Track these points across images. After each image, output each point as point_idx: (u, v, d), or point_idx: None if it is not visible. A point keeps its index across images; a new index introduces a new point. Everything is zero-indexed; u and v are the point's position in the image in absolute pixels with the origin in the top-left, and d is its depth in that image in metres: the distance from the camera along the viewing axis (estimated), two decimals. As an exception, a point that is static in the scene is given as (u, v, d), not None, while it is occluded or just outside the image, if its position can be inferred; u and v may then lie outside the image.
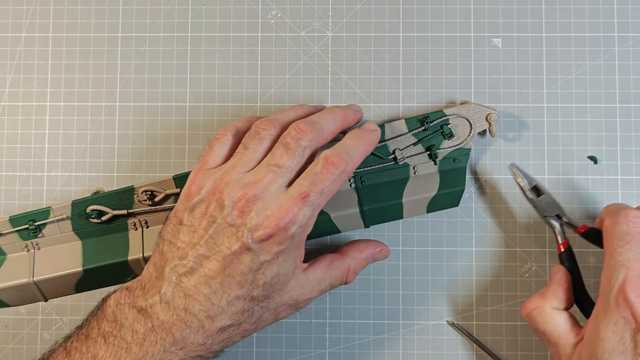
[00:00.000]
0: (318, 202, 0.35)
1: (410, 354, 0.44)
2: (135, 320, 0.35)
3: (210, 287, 0.35)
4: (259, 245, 0.34)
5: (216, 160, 0.38)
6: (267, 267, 0.35)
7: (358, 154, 0.37)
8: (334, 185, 0.36)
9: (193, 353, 0.35)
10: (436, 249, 0.45)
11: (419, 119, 0.43)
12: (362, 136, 0.38)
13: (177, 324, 0.35)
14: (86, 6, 0.46)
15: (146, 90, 0.46)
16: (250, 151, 0.37)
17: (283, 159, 0.36)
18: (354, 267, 0.40)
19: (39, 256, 0.44)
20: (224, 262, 0.35)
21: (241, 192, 0.35)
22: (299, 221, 0.35)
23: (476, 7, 0.45)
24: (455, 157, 0.43)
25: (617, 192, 0.44)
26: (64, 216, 0.43)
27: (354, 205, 0.43)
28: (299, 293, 0.37)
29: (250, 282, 0.35)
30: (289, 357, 0.45)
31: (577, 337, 0.37)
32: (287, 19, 0.46)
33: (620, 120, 0.45)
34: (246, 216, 0.35)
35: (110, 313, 0.35)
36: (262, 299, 0.36)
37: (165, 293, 0.35)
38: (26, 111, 0.46)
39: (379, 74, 0.45)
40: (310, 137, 0.36)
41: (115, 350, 0.34)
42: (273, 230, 0.34)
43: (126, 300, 0.35)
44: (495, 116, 0.43)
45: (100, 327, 0.35)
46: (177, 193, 0.43)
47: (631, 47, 0.45)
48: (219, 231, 0.35)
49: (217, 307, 0.35)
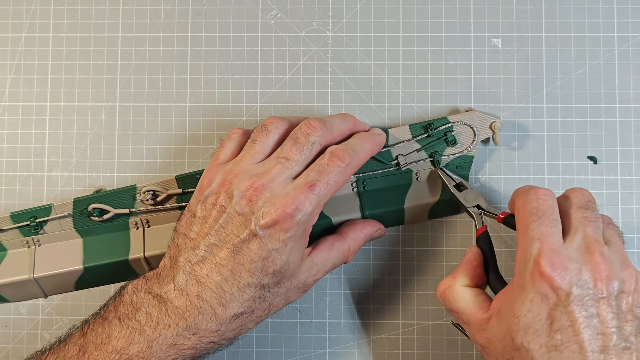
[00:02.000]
0: (324, 191, 0.36)
1: (410, 354, 0.44)
2: (150, 305, 0.36)
3: (221, 275, 0.36)
4: (266, 232, 0.35)
5: (226, 155, 0.39)
6: (276, 256, 0.36)
7: (364, 152, 0.39)
8: (339, 177, 0.37)
9: (206, 339, 0.36)
10: (436, 249, 0.45)
11: (422, 125, 0.43)
12: (368, 137, 0.40)
13: (190, 310, 0.36)
14: (86, 6, 0.46)
15: (146, 90, 0.46)
16: (258, 144, 0.38)
17: (292, 152, 0.37)
18: (354, 247, 0.41)
19: (40, 253, 0.44)
20: (233, 250, 0.36)
21: (249, 182, 0.36)
22: (305, 209, 0.36)
23: (476, 7, 0.45)
24: (458, 164, 0.43)
25: (617, 192, 0.44)
26: (65, 213, 0.43)
27: (356, 210, 0.43)
28: (307, 276, 0.38)
29: (260, 270, 0.36)
30: (289, 357, 0.45)
31: (488, 313, 0.35)
32: (287, 19, 0.46)
33: (620, 121, 0.45)
34: (254, 205, 0.36)
35: (127, 298, 0.37)
36: (273, 285, 0.37)
37: (179, 280, 0.36)
38: (26, 111, 0.46)
39: (379, 74, 0.45)
40: (320, 134, 0.38)
41: (130, 331, 0.36)
42: (279, 217, 0.35)
43: (142, 287, 0.37)
44: (499, 124, 0.43)
45: (117, 310, 0.37)
46: (179, 193, 0.43)
47: (631, 47, 0.45)
48: (228, 220, 0.36)
49: (228, 294, 0.36)
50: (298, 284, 0.38)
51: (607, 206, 0.44)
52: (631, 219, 0.44)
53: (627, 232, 0.44)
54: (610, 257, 0.34)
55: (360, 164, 0.39)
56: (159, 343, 0.35)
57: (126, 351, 0.35)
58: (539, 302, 0.33)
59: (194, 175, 0.43)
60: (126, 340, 0.35)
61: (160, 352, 0.35)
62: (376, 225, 0.42)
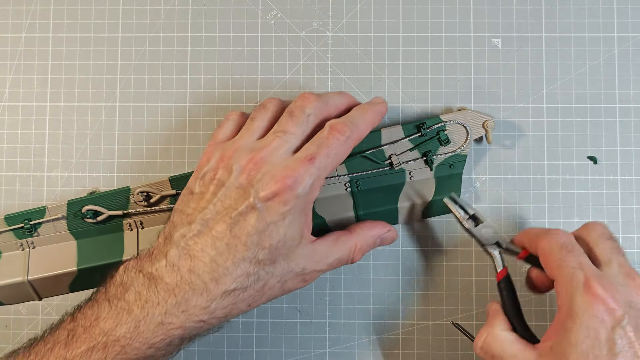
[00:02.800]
0: (324, 164, 0.36)
1: (410, 354, 0.44)
2: (140, 284, 0.36)
3: (216, 249, 0.35)
4: (265, 204, 0.35)
5: (225, 135, 0.40)
6: (273, 229, 0.35)
7: (364, 124, 0.38)
8: (340, 150, 0.37)
9: (195, 317, 0.35)
10: (436, 249, 0.45)
11: (415, 124, 0.43)
12: (367, 107, 0.39)
13: (180, 286, 0.35)
14: (86, 6, 0.46)
15: (146, 90, 0.46)
16: (257, 121, 0.39)
17: (288, 125, 0.37)
18: (361, 245, 0.40)
19: (34, 255, 0.44)
20: (230, 223, 0.35)
21: (249, 156, 0.36)
22: (305, 182, 0.35)
23: (476, 7, 0.45)
24: (451, 164, 0.43)
25: (617, 192, 0.44)
26: (59, 216, 0.43)
27: (350, 210, 0.43)
28: (306, 262, 0.37)
29: (256, 244, 0.35)
30: (289, 357, 0.45)
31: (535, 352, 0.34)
32: (287, 19, 0.46)
33: (619, 121, 0.45)
34: (253, 178, 0.36)
35: (117, 279, 0.36)
36: (268, 262, 0.36)
37: (172, 256, 0.36)
38: (26, 111, 0.46)
39: (379, 74, 0.45)
40: (314, 106, 0.38)
41: (118, 312, 0.35)
42: (278, 189, 0.35)
43: (133, 266, 0.36)
44: (492, 123, 0.43)
45: (107, 292, 0.36)
46: (173, 194, 0.43)
47: (631, 48, 0.45)
48: (227, 194, 0.36)
49: (222, 268, 0.35)
50: (296, 269, 0.37)
51: (607, 206, 0.44)
52: (631, 219, 0.44)
53: (627, 232, 0.44)
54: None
55: (362, 136, 0.38)
56: (146, 322, 0.35)
57: (113, 332, 0.35)
58: (596, 327, 0.32)
59: (188, 177, 0.43)
60: (114, 321, 0.35)
61: (148, 332, 0.35)
62: (387, 226, 0.42)
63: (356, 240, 0.40)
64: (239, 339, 0.45)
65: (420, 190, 0.43)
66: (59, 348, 0.35)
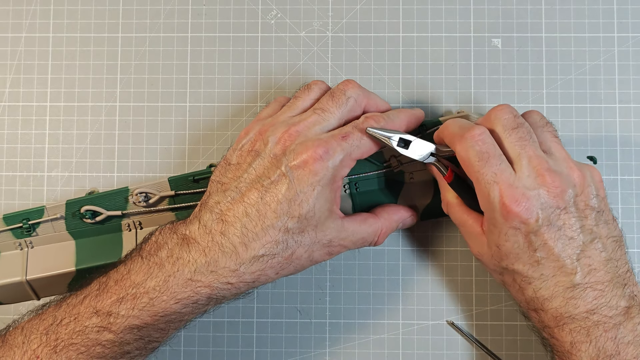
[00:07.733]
0: (357, 144, 0.37)
1: (410, 354, 0.44)
2: (173, 243, 0.37)
3: (247, 215, 0.36)
4: (295, 172, 0.36)
5: (268, 114, 0.41)
6: (303, 199, 0.36)
7: (399, 120, 0.40)
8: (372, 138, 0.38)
9: (223, 279, 0.36)
10: (436, 249, 0.45)
11: None
12: (405, 110, 0.41)
13: (211, 247, 0.36)
14: (86, 6, 0.46)
15: (146, 90, 0.46)
16: (299, 101, 0.40)
17: (328, 104, 0.39)
18: (386, 228, 0.41)
19: (32, 255, 0.44)
20: (262, 191, 0.36)
21: (285, 129, 0.38)
22: (336, 155, 0.36)
23: (476, 7, 0.45)
24: None
25: (617, 192, 0.44)
26: (57, 216, 0.43)
27: (349, 212, 0.43)
28: (334, 236, 0.38)
29: (286, 212, 0.36)
30: (289, 357, 0.45)
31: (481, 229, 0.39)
32: (287, 19, 0.46)
33: (619, 121, 0.45)
34: (287, 148, 0.37)
35: (153, 238, 0.38)
36: (297, 231, 0.37)
37: (205, 219, 0.37)
38: (26, 111, 0.46)
39: (379, 74, 0.45)
40: (356, 91, 0.39)
41: (150, 266, 0.36)
42: (309, 158, 0.36)
43: (169, 229, 0.38)
44: None
45: (142, 249, 0.38)
46: (172, 195, 0.43)
47: (631, 47, 0.45)
48: (261, 163, 0.37)
49: (251, 233, 0.36)
50: (323, 240, 0.38)
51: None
52: (631, 219, 0.44)
53: (627, 233, 0.44)
54: (556, 168, 0.36)
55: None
56: (175, 277, 0.36)
57: (143, 285, 0.36)
58: (514, 234, 0.36)
59: (186, 177, 0.43)
60: (145, 274, 0.36)
61: (176, 287, 0.36)
62: (410, 210, 0.43)
63: (382, 225, 0.41)
64: (239, 339, 0.45)
65: (420, 192, 0.43)
66: (90, 299, 0.36)
